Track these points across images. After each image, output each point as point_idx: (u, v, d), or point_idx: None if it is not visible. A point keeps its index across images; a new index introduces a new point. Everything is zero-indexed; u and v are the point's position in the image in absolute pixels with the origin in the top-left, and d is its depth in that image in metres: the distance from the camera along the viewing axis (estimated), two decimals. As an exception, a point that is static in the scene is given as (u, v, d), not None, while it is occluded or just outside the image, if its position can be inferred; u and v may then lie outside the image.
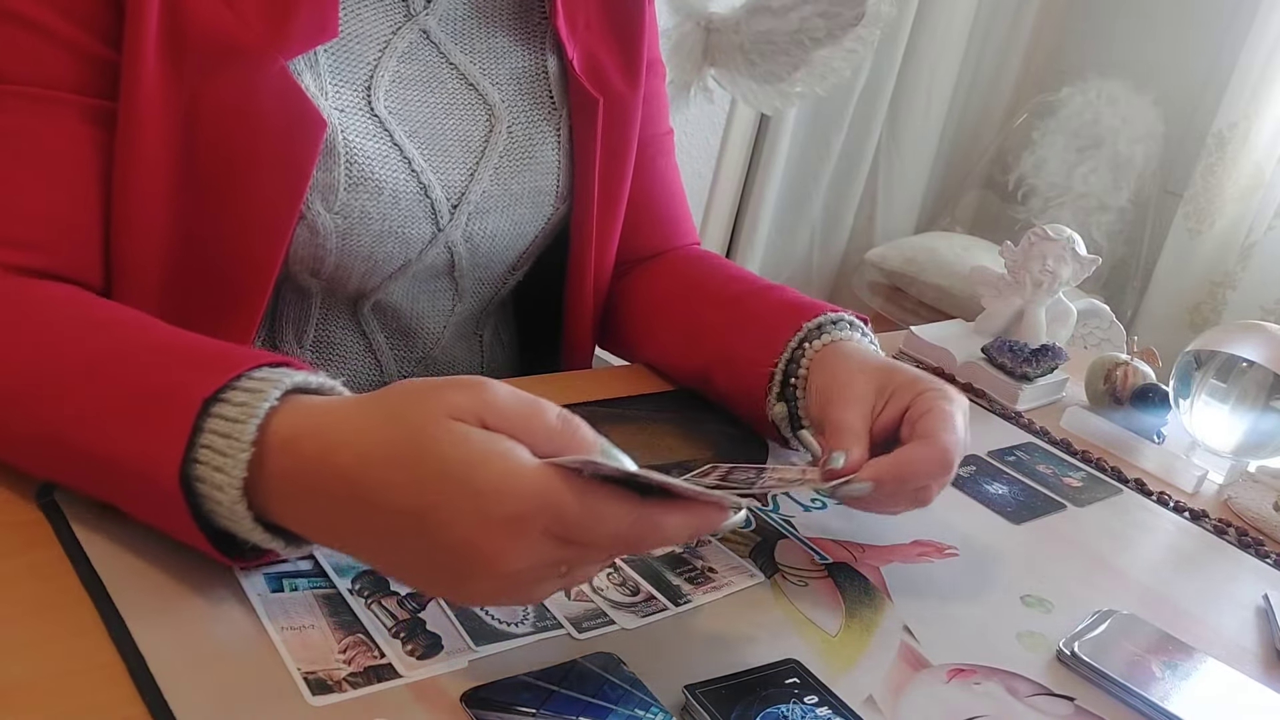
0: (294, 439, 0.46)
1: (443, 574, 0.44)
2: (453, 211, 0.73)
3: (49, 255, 0.60)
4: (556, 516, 0.42)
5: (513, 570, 0.43)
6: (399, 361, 0.80)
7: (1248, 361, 0.85)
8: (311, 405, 0.48)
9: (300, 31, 0.63)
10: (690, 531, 0.47)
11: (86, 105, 0.59)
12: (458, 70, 0.73)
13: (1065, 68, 2.79)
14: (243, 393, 0.47)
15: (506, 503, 0.42)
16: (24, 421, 0.51)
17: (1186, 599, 0.68)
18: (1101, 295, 2.44)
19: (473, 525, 0.42)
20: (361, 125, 0.67)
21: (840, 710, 0.50)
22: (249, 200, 0.64)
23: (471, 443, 0.43)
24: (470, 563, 0.43)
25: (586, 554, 0.45)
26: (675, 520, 0.45)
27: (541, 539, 0.43)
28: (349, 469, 0.44)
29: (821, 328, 0.72)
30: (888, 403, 0.64)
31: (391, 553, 0.46)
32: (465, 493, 0.42)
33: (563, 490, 0.42)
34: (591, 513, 0.43)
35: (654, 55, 0.86)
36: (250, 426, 0.46)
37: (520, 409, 0.45)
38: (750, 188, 2.62)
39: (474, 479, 0.42)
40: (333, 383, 0.51)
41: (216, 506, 0.47)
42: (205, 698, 0.43)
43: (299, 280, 0.71)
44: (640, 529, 0.44)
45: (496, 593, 0.45)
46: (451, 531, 0.42)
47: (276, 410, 0.47)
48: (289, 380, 0.48)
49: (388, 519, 0.44)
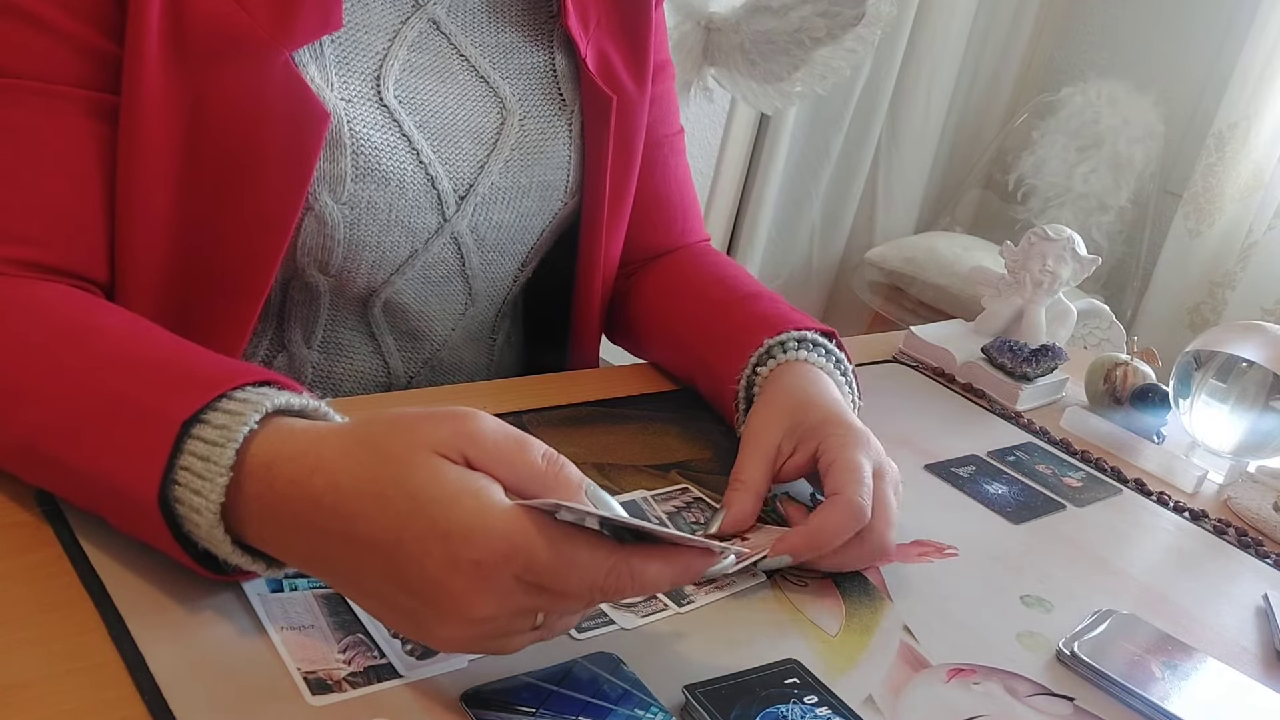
0: (270, 463, 0.45)
1: (410, 613, 0.43)
2: (460, 203, 0.73)
3: (51, 250, 0.59)
4: (526, 563, 0.41)
5: (481, 616, 0.42)
6: (406, 363, 0.80)
7: (1248, 361, 0.85)
8: (291, 429, 0.47)
9: (304, 23, 0.63)
10: (671, 580, 0.46)
11: (90, 100, 0.59)
12: (468, 62, 0.73)
13: (1065, 68, 2.79)
14: (222, 414, 0.46)
15: (474, 546, 0.41)
16: (5, 430, 0.51)
17: (1186, 599, 0.68)
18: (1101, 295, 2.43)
19: (440, 566, 0.41)
20: (369, 115, 0.67)
21: (840, 710, 0.50)
22: (252, 193, 0.64)
23: (445, 481, 0.42)
24: (437, 605, 0.42)
25: (559, 602, 0.44)
26: (654, 569, 0.45)
27: (512, 585, 0.42)
28: (322, 496, 0.44)
29: (783, 346, 0.72)
30: (797, 446, 0.65)
31: (362, 585, 0.45)
32: (434, 533, 0.41)
33: (533, 535, 0.41)
34: (564, 559, 0.42)
35: (664, 57, 0.86)
36: (229, 451, 0.45)
37: (504, 445, 0.44)
38: (750, 188, 2.62)
39: (444, 518, 0.41)
40: (317, 403, 0.50)
41: (194, 529, 0.46)
42: (205, 698, 0.43)
43: (307, 277, 0.71)
44: (617, 577, 0.43)
45: (466, 640, 0.44)
46: (419, 571, 0.42)
47: (255, 434, 0.46)
48: (270, 403, 0.47)
49: (358, 551, 0.43)
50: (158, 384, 0.49)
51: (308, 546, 0.45)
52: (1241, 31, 2.38)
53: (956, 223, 2.81)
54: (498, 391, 0.78)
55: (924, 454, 0.80)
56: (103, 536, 0.51)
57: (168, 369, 0.51)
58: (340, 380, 0.77)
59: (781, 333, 0.73)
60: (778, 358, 0.71)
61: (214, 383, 0.48)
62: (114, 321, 0.56)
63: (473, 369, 0.85)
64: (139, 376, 0.50)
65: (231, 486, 0.45)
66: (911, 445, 0.81)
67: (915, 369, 0.99)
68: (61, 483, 0.51)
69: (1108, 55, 2.72)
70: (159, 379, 0.50)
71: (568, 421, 0.74)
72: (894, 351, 1.01)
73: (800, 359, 0.71)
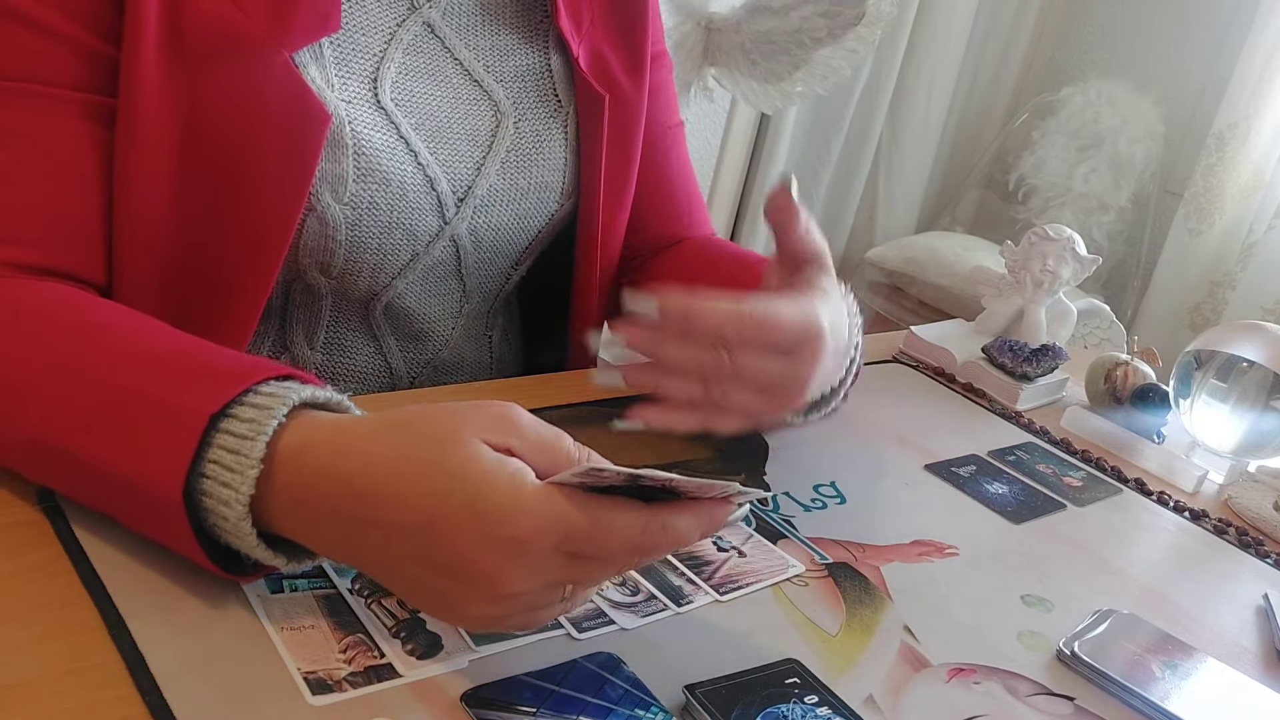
0: (301, 451, 0.46)
1: (442, 595, 0.44)
2: (459, 205, 0.73)
3: (49, 252, 0.59)
4: (566, 533, 0.42)
5: (513, 592, 0.43)
6: (409, 364, 0.80)
7: (1248, 361, 0.85)
8: (319, 420, 0.48)
9: (303, 24, 0.63)
10: (701, 530, 0.47)
11: (87, 102, 0.59)
12: (462, 65, 0.73)
13: (1065, 68, 2.79)
14: (251, 409, 0.47)
15: (510, 524, 0.42)
16: (14, 427, 0.51)
17: (1186, 599, 0.68)
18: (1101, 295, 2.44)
19: (473, 544, 0.42)
20: (369, 117, 0.67)
21: (840, 710, 0.50)
22: (253, 194, 0.64)
23: (483, 461, 0.43)
24: (469, 583, 0.43)
25: (598, 569, 0.45)
26: (685, 521, 0.46)
27: (551, 556, 0.43)
28: (353, 479, 0.44)
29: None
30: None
31: (391, 567, 0.45)
32: (470, 510, 0.42)
33: (568, 507, 0.42)
34: (601, 525, 0.43)
35: (659, 48, 0.86)
36: (259, 444, 0.46)
37: (544, 435, 0.46)
38: (750, 188, 2.62)
39: (480, 498, 0.42)
40: (340, 397, 0.50)
41: (221, 522, 0.47)
42: (205, 698, 0.43)
43: (309, 279, 0.71)
44: (651, 535, 0.45)
45: (497, 617, 0.45)
46: (452, 549, 0.42)
47: (285, 426, 0.47)
48: (297, 396, 0.48)
49: (389, 533, 0.44)
50: (177, 379, 0.49)
51: (337, 532, 0.46)
52: (1241, 31, 2.38)
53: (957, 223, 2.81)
54: (498, 391, 0.78)
55: (924, 454, 0.80)
56: (103, 536, 0.51)
57: (185, 364, 0.51)
58: (343, 381, 0.77)
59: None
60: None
61: (239, 377, 0.48)
62: (120, 318, 0.56)
63: (474, 367, 0.85)
64: (156, 371, 0.50)
65: (262, 478, 0.46)
66: (912, 445, 0.81)
67: (916, 369, 0.99)
68: (71, 479, 0.51)
69: (1108, 55, 2.72)
70: (178, 374, 0.50)
71: (568, 421, 0.73)
72: (894, 351, 1.01)
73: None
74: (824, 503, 0.69)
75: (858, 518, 0.68)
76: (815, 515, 0.68)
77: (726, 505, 0.48)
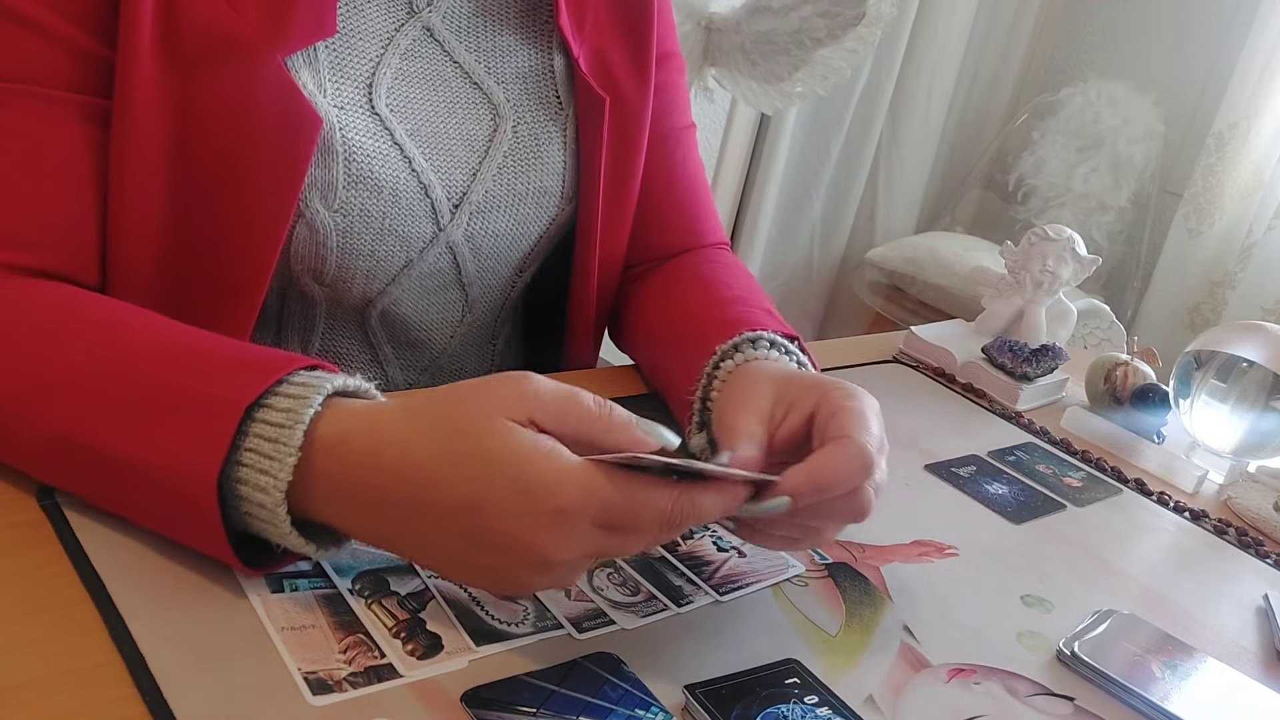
0: (341, 440, 0.48)
1: (490, 568, 0.47)
2: (454, 211, 0.72)
3: (43, 254, 0.59)
4: (603, 506, 0.45)
5: (562, 560, 0.46)
6: (405, 371, 0.79)
7: (1248, 361, 0.85)
8: (355, 408, 0.49)
9: (298, 28, 0.62)
10: (723, 508, 0.49)
11: (82, 104, 0.59)
12: (461, 69, 0.73)
13: (1065, 68, 2.79)
14: (286, 398, 0.48)
15: (554, 497, 0.44)
16: (31, 424, 0.51)
17: (1186, 599, 0.68)
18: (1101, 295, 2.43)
19: (522, 520, 0.45)
20: (361, 123, 0.67)
21: (840, 710, 0.50)
22: (244, 197, 0.63)
23: (518, 443, 0.45)
24: (521, 556, 0.45)
25: (631, 540, 0.48)
26: (709, 498, 0.48)
27: (589, 529, 0.46)
28: (396, 468, 0.46)
29: (737, 348, 0.66)
30: (790, 409, 0.57)
31: (436, 548, 0.48)
32: (515, 490, 0.44)
33: (604, 483, 0.45)
34: (634, 500, 0.46)
35: (669, 48, 0.84)
36: (298, 432, 0.47)
37: (561, 398, 0.47)
38: (750, 188, 2.62)
39: (522, 477, 0.44)
40: (368, 385, 0.52)
41: (257, 509, 0.47)
42: (205, 698, 0.43)
43: (303, 286, 0.71)
44: (680, 508, 0.47)
45: (541, 582, 0.48)
46: (502, 527, 0.45)
47: (321, 414, 0.48)
48: (330, 385, 0.49)
49: (437, 517, 0.46)
50: (208, 371, 0.50)
51: (381, 518, 0.48)
52: (1241, 32, 2.38)
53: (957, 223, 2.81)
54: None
55: (924, 454, 0.80)
56: (103, 536, 0.51)
57: (213, 356, 0.52)
58: None
59: (739, 334, 0.66)
60: (744, 352, 0.65)
61: (271, 368, 0.49)
62: (134, 315, 0.56)
63: (474, 375, 0.84)
64: (184, 365, 0.51)
65: (300, 466, 0.47)
66: (911, 445, 0.81)
67: (915, 369, 0.99)
68: (94, 476, 0.51)
69: (1108, 55, 2.72)
70: (208, 366, 0.51)
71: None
72: (894, 351, 1.01)
73: (771, 356, 0.66)
74: (824, 503, 0.69)
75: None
76: (815, 515, 0.68)
77: (746, 488, 0.50)
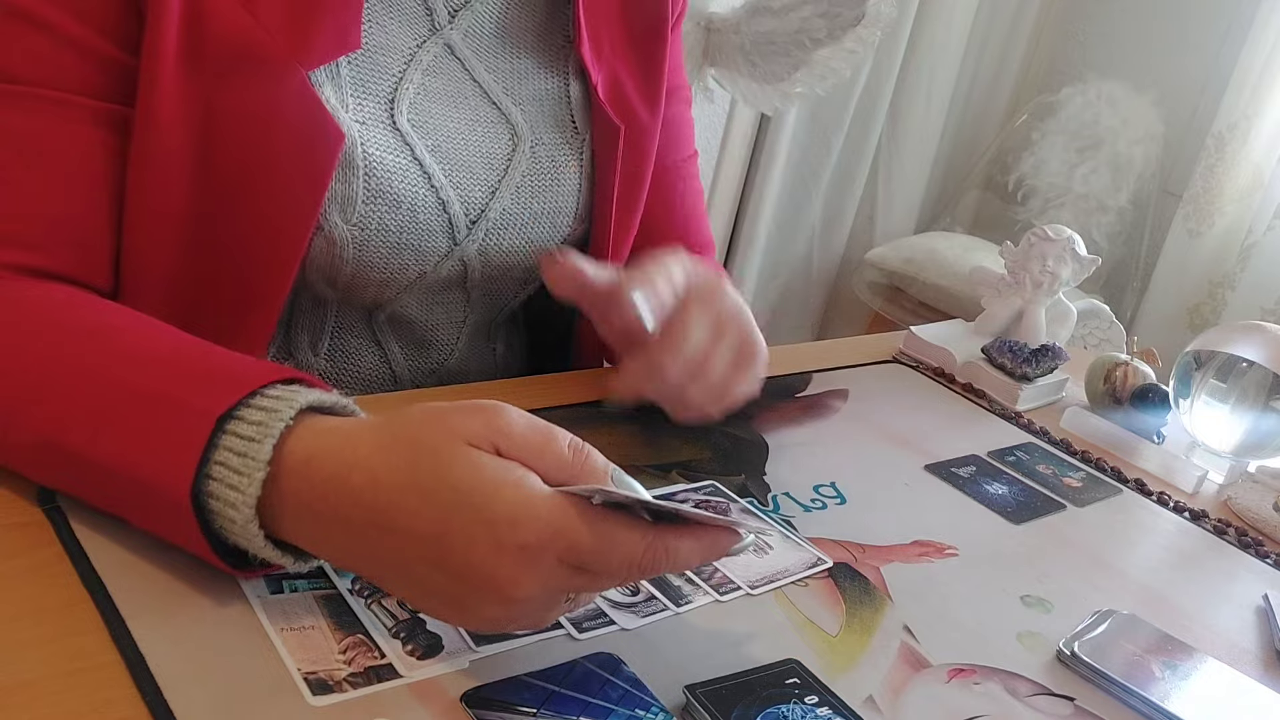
0: (308, 460, 0.46)
1: (452, 599, 0.45)
2: (470, 227, 0.72)
3: (52, 256, 0.59)
4: (570, 545, 0.43)
5: (524, 596, 0.43)
6: (413, 371, 0.79)
7: (1248, 362, 0.85)
8: (326, 426, 0.48)
9: (322, 42, 0.62)
10: (702, 556, 0.47)
11: (98, 109, 0.59)
12: (481, 87, 0.73)
13: (1065, 68, 2.79)
14: (258, 411, 0.47)
15: (520, 531, 0.42)
16: (19, 428, 0.51)
17: (1186, 599, 0.68)
18: (1101, 295, 2.44)
19: (486, 553, 0.42)
20: (382, 138, 0.67)
21: (840, 710, 0.50)
22: (265, 209, 0.63)
23: (485, 471, 0.43)
24: (481, 589, 0.43)
25: (599, 581, 0.46)
26: (687, 545, 0.46)
27: (555, 566, 0.43)
28: (362, 492, 0.45)
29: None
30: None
31: (402, 576, 0.46)
32: (479, 520, 0.42)
33: (575, 519, 0.43)
34: (605, 540, 0.43)
35: (678, 80, 0.85)
36: (266, 446, 0.46)
37: (531, 438, 0.45)
38: (750, 188, 2.61)
39: (488, 507, 0.42)
40: (345, 400, 0.51)
41: (229, 524, 0.47)
42: (205, 698, 0.43)
43: (316, 289, 0.71)
44: (654, 554, 0.45)
45: (506, 619, 0.45)
46: (465, 558, 0.43)
47: (291, 430, 0.47)
48: (303, 399, 0.48)
49: (399, 542, 0.44)
50: (186, 379, 0.50)
51: (346, 540, 0.46)
52: (1241, 32, 2.38)
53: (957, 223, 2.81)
54: (500, 392, 0.78)
55: (924, 454, 0.80)
56: (103, 536, 0.51)
57: (193, 365, 0.51)
58: (347, 387, 0.76)
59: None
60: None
61: (246, 379, 0.48)
62: (127, 320, 0.56)
63: (479, 376, 0.84)
64: (165, 372, 0.50)
65: (268, 481, 0.46)
66: (911, 445, 0.81)
67: (915, 369, 0.99)
68: (81, 479, 0.51)
69: (1108, 55, 2.72)
70: (187, 375, 0.50)
71: (569, 422, 0.73)
72: (894, 351, 1.01)
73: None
74: (824, 503, 0.70)
75: (858, 518, 0.68)
76: (815, 515, 0.68)
77: (732, 536, 0.48)
